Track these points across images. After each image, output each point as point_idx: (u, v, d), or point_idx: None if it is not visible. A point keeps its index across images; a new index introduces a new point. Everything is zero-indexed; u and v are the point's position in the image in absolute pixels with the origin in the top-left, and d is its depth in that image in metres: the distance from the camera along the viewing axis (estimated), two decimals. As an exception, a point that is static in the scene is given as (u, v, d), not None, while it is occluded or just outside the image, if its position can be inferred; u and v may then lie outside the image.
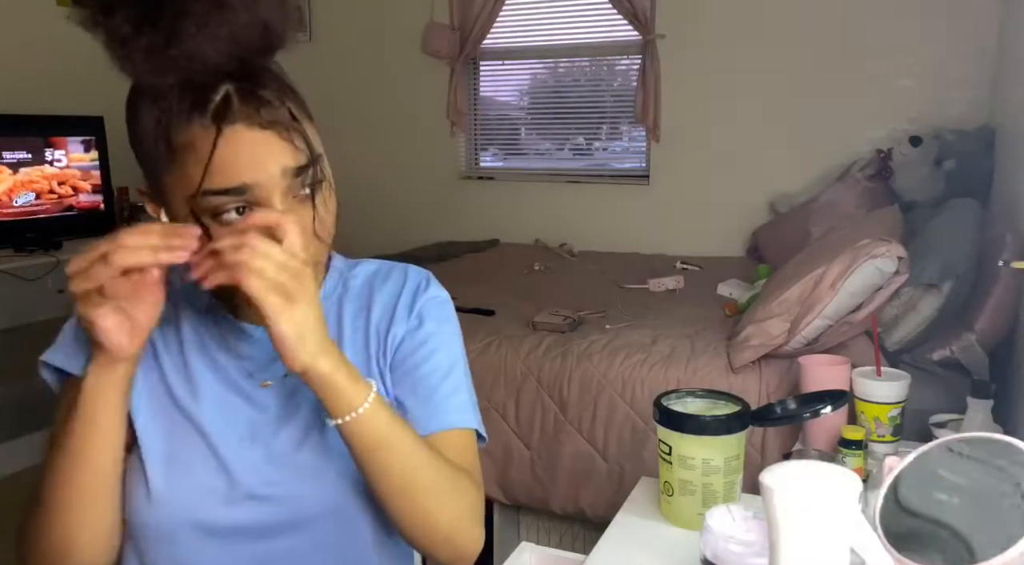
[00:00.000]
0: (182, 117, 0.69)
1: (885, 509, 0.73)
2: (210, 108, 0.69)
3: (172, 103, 0.69)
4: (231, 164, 0.69)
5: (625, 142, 3.84)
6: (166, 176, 0.71)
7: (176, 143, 0.69)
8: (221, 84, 0.69)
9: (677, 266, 3.10)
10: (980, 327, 1.89)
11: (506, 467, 2.06)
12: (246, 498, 0.80)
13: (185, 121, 0.69)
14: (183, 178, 0.70)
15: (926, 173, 2.68)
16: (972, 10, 2.89)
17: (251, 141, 0.70)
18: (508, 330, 2.20)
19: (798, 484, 0.62)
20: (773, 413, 1.04)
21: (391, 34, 3.93)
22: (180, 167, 0.70)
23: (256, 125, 0.70)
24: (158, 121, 0.70)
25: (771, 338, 1.81)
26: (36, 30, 3.22)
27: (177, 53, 0.65)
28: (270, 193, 0.71)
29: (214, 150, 0.68)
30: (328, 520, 0.81)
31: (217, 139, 0.68)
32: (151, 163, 0.72)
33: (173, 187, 0.71)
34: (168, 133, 0.69)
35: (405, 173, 3.99)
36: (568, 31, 3.74)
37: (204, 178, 0.69)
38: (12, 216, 2.95)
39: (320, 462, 0.81)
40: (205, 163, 0.68)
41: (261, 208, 0.71)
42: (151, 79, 0.68)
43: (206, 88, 0.69)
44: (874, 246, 1.66)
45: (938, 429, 1.41)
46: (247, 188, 0.70)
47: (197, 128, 0.69)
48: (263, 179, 0.70)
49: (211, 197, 0.69)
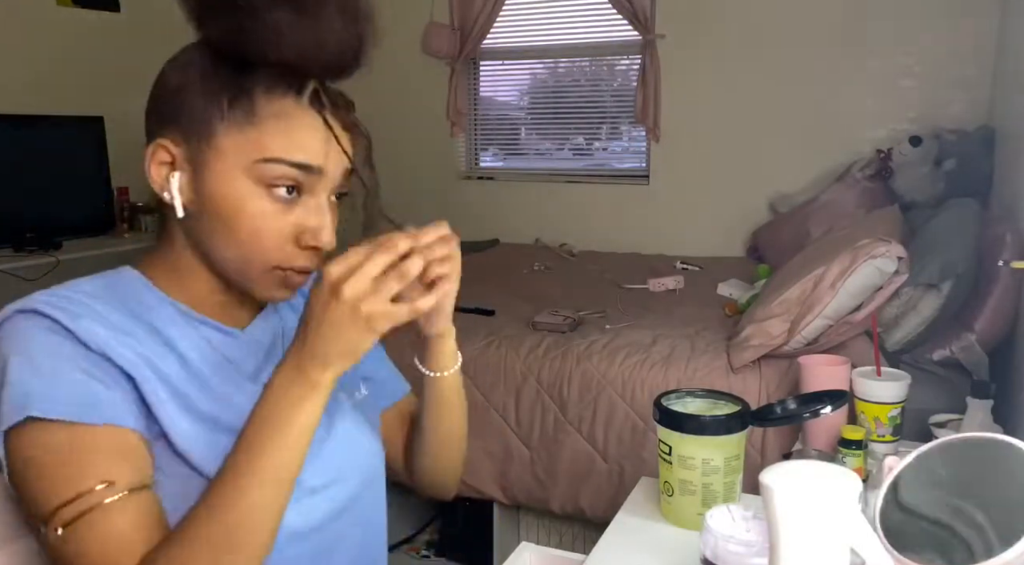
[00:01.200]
0: (277, 88, 0.72)
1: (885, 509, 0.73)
2: (306, 91, 0.72)
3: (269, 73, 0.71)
4: (312, 144, 0.73)
5: (625, 142, 3.84)
6: (228, 137, 0.72)
7: (263, 109, 0.71)
8: (311, 74, 0.72)
9: (677, 266, 3.10)
10: (980, 327, 1.89)
11: (506, 467, 2.06)
12: (307, 494, 0.77)
13: (280, 93, 0.72)
14: (257, 143, 0.71)
15: (926, 173, 2.68)
16: (972, 10, 2.89)
17: (335, 132, 0.75)
18: (508, 330, 2.20)
19: (798, 484, 0.62)
20: (773, 413, 1.04)
21: (391, 34, 3.91)
22: (257, 130, 0.71)
23: (340, 121, 0.76)
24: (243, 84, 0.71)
25: (771, 338, 1.82)
26: (36, 30, 3.22)
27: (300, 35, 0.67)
28: (325, 185, 0.75)
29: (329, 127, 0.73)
30: (367, 491, 0.85)
31: (328, 122, 0.73)
32: (208, 120, 0.72)
33: (235, 148, 0.72)
34: (255, 97, 0.71)
35: (405, 173, 3.99)
36: (568, 31, 3.74)
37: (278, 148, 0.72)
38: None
39: (351, 439, 0.84)
40: (289, 134, 0.72)
41: (308, 194, 0.75)
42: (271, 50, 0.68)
43: (296, 72, 0.71)
44: (874, 246, 1.66)
45: (938, 429, 1.41)
46: (315, 170, 0.73)
47: (291, 102, 0.72)
48: (330, 170, 0.75)
49: (280, 166, 0.72)
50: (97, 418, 0.66)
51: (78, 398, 0.66)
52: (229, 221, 0.73)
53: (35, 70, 3.18)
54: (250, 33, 0.67)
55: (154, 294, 0.78)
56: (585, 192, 3.77)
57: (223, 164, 0.72)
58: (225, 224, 0.73)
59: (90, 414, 0.66)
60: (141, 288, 0.78)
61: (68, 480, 0.64)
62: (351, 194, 0.81)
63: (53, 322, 0.69)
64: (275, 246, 0.74)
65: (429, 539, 2.41)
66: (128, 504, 0.65)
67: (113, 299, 0.74)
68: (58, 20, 3.30)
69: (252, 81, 0.71)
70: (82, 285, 0.75)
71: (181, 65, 0.74)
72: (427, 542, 2.40)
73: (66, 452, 0.65)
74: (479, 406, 2.08)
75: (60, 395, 0.66)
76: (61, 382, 0.66)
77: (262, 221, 0.73)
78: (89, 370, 0.68)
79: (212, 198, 0.73)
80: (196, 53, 0.74)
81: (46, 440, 0.65)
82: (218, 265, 0.76)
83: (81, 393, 0.67)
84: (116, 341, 0.70)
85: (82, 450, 0.65)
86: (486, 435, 2.07)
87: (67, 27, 3.33)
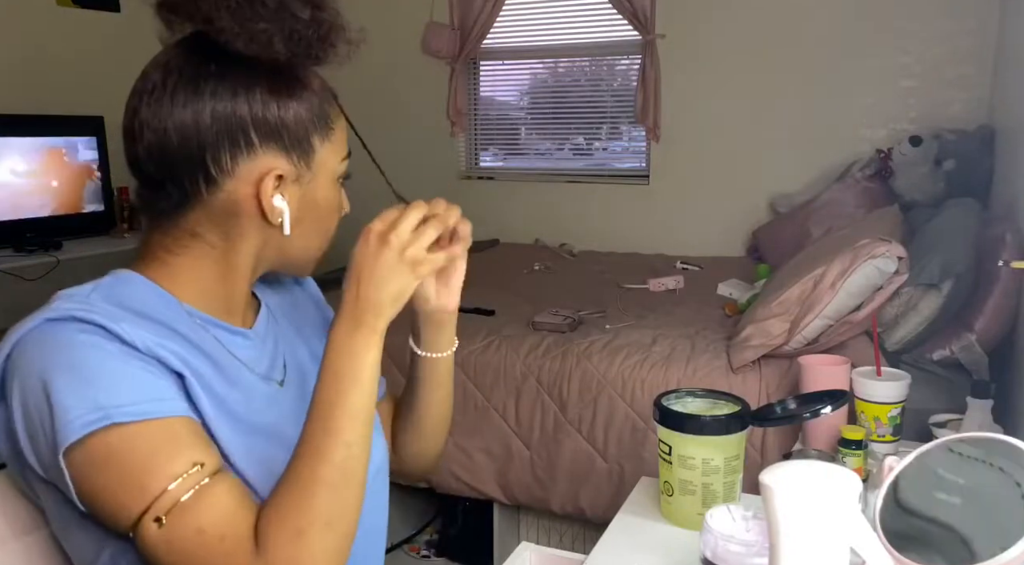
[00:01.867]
0: (327, 90, 0.80)
1: (885, 509, 0.73)
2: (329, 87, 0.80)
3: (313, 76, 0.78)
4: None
5: (625, 142, 3.84)
6: (323, 147, 0.78)
7: (333, 116, 0.79)
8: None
9: (677, 266, 3.10)
10: (980, 327, 1.89)
11: (506, 467, 2.06)
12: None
13: (329, 93, 0.80)
14: (338, 144, 0.80)
15: (926, 173, 2.68)
16: (972, 10, 2.89)
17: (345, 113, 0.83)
18: (508, 330, 2.20)
19: (798, 484, 0.62)
20: (773, 413, 1.04)
21: (391, 34, 3.93)
22: (336, 133, 0.79)
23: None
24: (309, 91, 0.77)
25: (771, 338, 1.82)
26: (36, 30, 3.22)
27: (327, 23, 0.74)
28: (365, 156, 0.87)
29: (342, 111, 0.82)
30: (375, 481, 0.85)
31: (344, 113, 0.82)
32: (307, 138, 0.76)
33: (329, 154, 0.79)
34: (322, 103, 0.77)
35: (405, 173, 3.96)
36: (568, 31, 3.74)
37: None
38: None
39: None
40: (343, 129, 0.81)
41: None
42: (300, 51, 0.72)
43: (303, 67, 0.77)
44: (874, 246, 1.66)
45: (938, 429, 1.41)
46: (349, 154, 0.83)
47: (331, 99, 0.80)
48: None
49: (346, 160, 0.82)
50: (169, 410, 0.66)
51: (145, 394, 0.66)
52: (329, 223, 0.82)
53: (35, 70, 3.18)
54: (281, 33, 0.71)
55: (164, 298, 0.76)
56: (585, 192, 3.77)
57: (326, 173, 0.79)
58: (325, 224, 0.81)
59: (161, 408, 0.66)
60: (149, 293, 0.75)
61: (157, 471, 0.64)
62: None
63: (95, 326, 0.67)
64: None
65: (429, 539, 2.41)
66: (225, 480, 0.67)
67: (124, 308, 0.71)
68: (58, 20, 3.30)
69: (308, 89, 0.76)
70: (88, 293, 0.72)
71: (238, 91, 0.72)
72: (427, 542, 2.40)
73: (148, 448, 0.64)
74: (479, 406, 2.08)
75: (125, 396, 0.65)
76: (121, 383, 0.65)
77: (340, 211, 0.84)
78: (146, 368, 0.67)
79: (317, 205, 0.79)
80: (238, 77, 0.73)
81: (121, 443, 0.64)
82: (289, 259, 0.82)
83: (147, 389, 0.66)
84: (156, 343, 0.69)
85: (164, 442, 0.65)
86: (486, 435, 2.07)
87: (67, 27, 3.33)
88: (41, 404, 0.64)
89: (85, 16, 3.39)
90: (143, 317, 0.71)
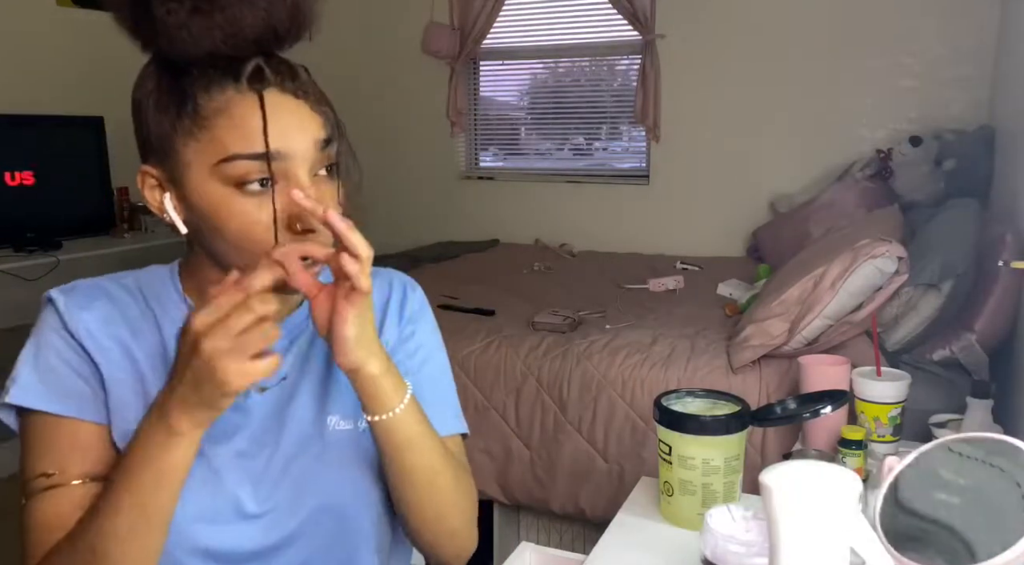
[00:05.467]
0: (214, 83, 0.69)
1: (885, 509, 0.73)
2: (244, 74, 0.69)
3: (203, 70, 0.69)
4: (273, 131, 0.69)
5: (625, 142, 3.84)
6: (187, 147, 0.70)
7: (206, 109, 0.69)
8: (253, 55, 0.70)
9: (677, 266, 3.10)
10: (980, 327, 1.89)
11: (506, 467, 2.06)
12: (250, 517, 0.77)
13: (218, 86, 0.69)
14: (211, 144, 0.69)
15: (926, 173, 2.68)
16: (972, 10, 2.89)
17: (285, 108, 0.70)
18: (508, 330, 2.20)
19: (798, 484, 0.62)
20: (773, 413, 1.04)
21: (391, 34, 3.93)
22: (208, 132, 0.69)
23: (289, 93, 0.71)
24: (183, 89, 0.69)
25: (771, 338, 1.81)
26: (36, 30, 3.22)
27: (220, 20, 0.66)
28: (298, 164, 0.71)
29: (264, 112, 0.68)
30: (332, 526, 0.80)
31: (263, 103, 0.68)
32: (166, 136, 0.70)
33: (196, 156, 0.70)
34: (196, 99, 0.69)
35: (405, 173, 4.00)
36: (568, 31, 3.74)
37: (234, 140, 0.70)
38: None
39: (322, 467, 0.80)
40: (239, 127, 0.68)
41: (283, 180, 0.70)
42: (188, 47, 0.67)
43: (238, 58, 0.69)
44: (874, 246, 1.66)
45: (938, 429, 1.41)
46: (277, 155, 0.69)
47: (231, 92, 0.69)
48: (294, 148, 0.70)
49: (241, 162, 0.68)
50: (66, 410, 0.74)
51: (53, 390, 0.74)
52: (219, 227, 0.71)
53: (35, 70, 3.18)
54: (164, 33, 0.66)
55: (175, 290, 0.81)
56: (585, 192, 3.77)
57: (192, 175, 0.71)
58: (217, 230, 0.72)
59: (57, 405, 0.74)
60: (168, 283, 0.82)
61: (33, 461, 0.73)
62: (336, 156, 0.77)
63: (55, 312, 0.76)
64: (270, 239, 0.70)
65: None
66: (73, 492, 0.72)
67: (137, 291, 0.80)
68: (58, 20, 3.30)
69: (189, 83, 0.69)
70: (126, 277, 0.82)
71: (140, 81, 0.73)
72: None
73: (36, 436, 0.74)
74: (479, 406, 2.08)
75: (40, 386, 0.74)
76: (44, 373, 0.74)
77: (245, 219, 0.70)
78: (72, 362, 0.75)
79: (197, 210, 0.72)
80: (148, 68, 0.73)
81: (27, 424, 0.75)
82: (232, 268, 0.75)
83: (57, 386, 0.74)
84: (106, 332, 0.77)
85: (45, 437, 0.74)
86: (486, 435, 2.07)
87: (67, 27, 3.32)
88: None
89: (85, 16, 3.39)
90: (142, 302, 0.80)
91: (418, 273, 3.04)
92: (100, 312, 0.77)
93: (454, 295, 2.55)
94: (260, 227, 0.70)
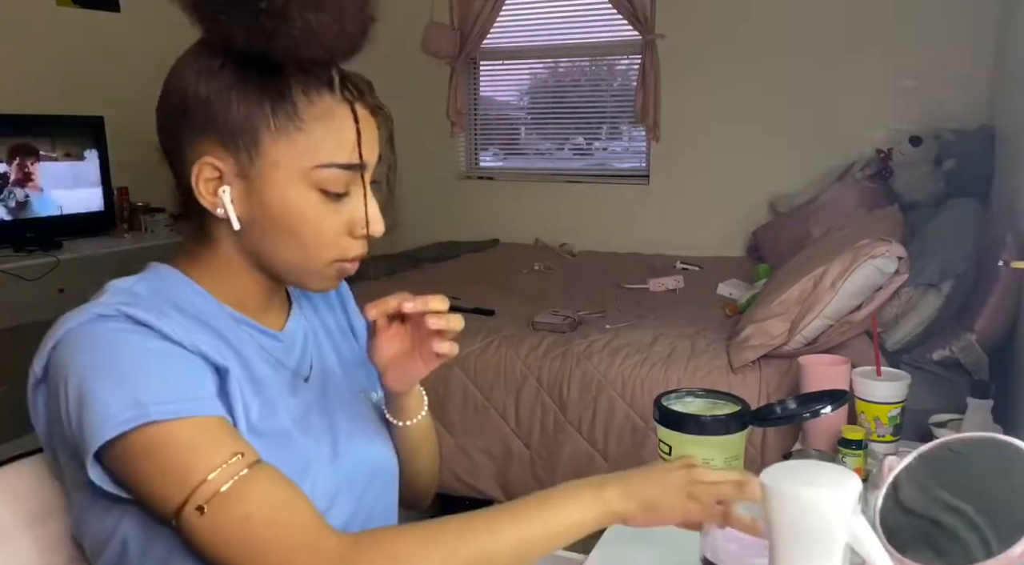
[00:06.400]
0: (311, 87, 0.71)
1: (885, 509, 0.73)
2: (335, 82, 0.72)
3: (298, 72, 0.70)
4: (354, 140, 0.72)
5: (625, 142, 3.84)
6: (277, 144, 0.71)
7: (305, 112, 0.71)
8: (331, 65, 0.72)
9: (677, 266, 3.10)
10: (980, 327, 1.89)
11: (506, 467, 2.06)
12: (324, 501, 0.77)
13: (315, 91, 0.71)
14: (308, 148, 0.71)
15: (926, 173, 2.69)
16: (972, 10, 2.89)
17: (368, 121, 0.74)
18: (508, 330, 2.20)
19: (798, 484, 0.62)
20: (773, 413, 1.03)
21: (391, 34, 3.92)
22: (305, 136, 0.71)
23: (368, 108, 0.75)
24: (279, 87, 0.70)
25: (771, 338, 1.81)
26: (36, 30, 3.22)
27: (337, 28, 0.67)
28: (367, 177, 0.75)
29: (358, 125, 0.72)
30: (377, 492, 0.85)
31: (356, 114, 0.72)
32: (253, 130, 0.70)
33: (286, 156, 0.71)
34: (294, 99, 0.70)
35: (405, 173, 3.99)
36: (568, 31, 3.74)
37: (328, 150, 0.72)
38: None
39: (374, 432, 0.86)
40: (337, 135, 0.71)
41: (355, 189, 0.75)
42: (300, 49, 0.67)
43: (322, 65, 0.71)
44: (874, 246, 1.66)
45: (938, 429, 1.41)
46: (363, 167, 0.74)
47: (328, 99, 0.71)
48: (371, 161, 0.75)
49: (334, 171, 0.72)
50: (205, 410, 0.67)
51: (184, 393, 0.66)
52: (291, 228, 0.73)
53: (35, 70, 3.18)
54: (280, 34, 0.66)
55: (202, 296, 0.77)
56: (585, 192, 3.77)
57: (278, 174, 0.71)
58: (287, 231, 0.73)
59: (197, 407, 0.66)
60: (188, 290, 0.76)
61: (196, 463, 0.64)
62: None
63: (140, 325, 0.68)
64: (334, 242, 0.75)
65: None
66: (266, 469, 0.67)
67: (167, 303, 0.72)
68: (58, 20, 3.30)
69: (288, 83, 0.70)
70: (136, 285, 0.73)
71: (202, 72, 0.71)
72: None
73: (186, 443, 0.65)
74: (479, 406, 2.08)
75: (165, 395, 0.65)
76: (162, 381, 0.66)
77: (322, 224, 0.73)
78: (191, 367, 0.68)
79: (270, 208, 0.72)
80: (214, 58, 0.71)
81: (160, 438, 0.65)
82: (276, 267, 0.76)
83: (185, 387, 0.67)
84: (200, 339, 0.70)
85: (201, 437, 0.66)
86: (486, 435, 2.07)
87: (67, 27, 3.32)
88: (84, 395, 0.65)
89: (85, 16, 3.39)
90: (182, 312, 0.72)
91: (418, 273, 3.05)
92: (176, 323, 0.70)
93: (454, 295, 2.55)
94: (331, 233, 0.75)
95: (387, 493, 0.88)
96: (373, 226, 0.76)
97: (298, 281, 0.79)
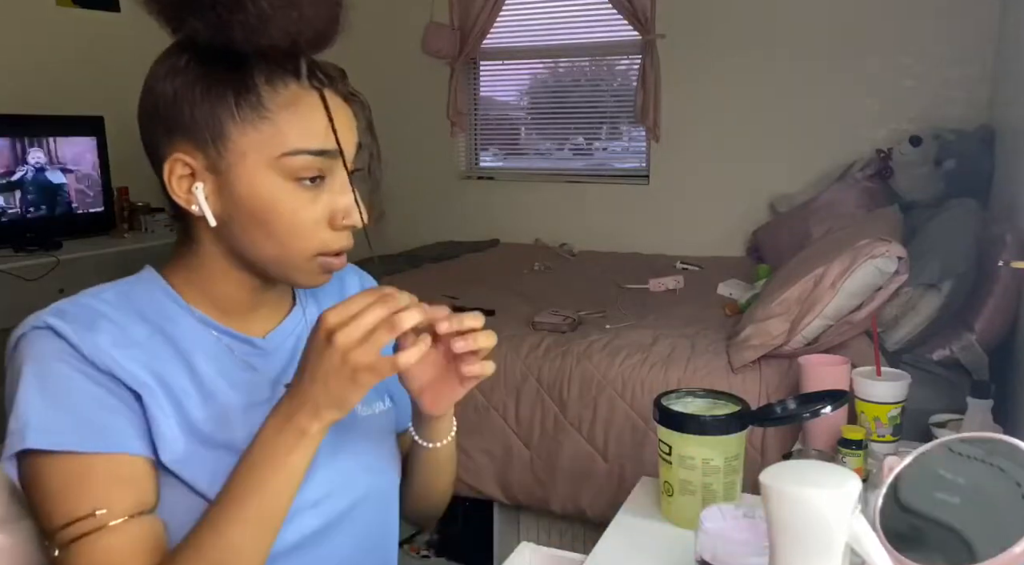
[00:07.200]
0: (276, 76, 0.70)
1: (885, 509, 0.73)
2: (303, 71, 0.71)
3: (262, 62, 0.70)
4: (325, 126, 0.71)
5: (625, 142, 3.84)
6: (244, 136, 0.70)
7: (270, 101, 0.70)
8: (301, 53, 0.71)
9: (677, 266, 3.10)
10: (980, 327, 1.89)
11: (506, 467, 2.06)
12: (306, 508, 0.76)
13: (280, 80, 0.70)
14: (274, 137, 0.70)
15: (926, 173, 2.68)
16: (972, 10, 2.89)
17: (341, 109, 0.74)
18: (508, 330, 2.20)
19: (798, 484, 0.62)
20: (773, 413, 1.04)
21: (391, 34, 3.93)
22: (272, 125, 0.70)
23: (340, 95, 0.74)
24: (244, 79, 0.70)
25: (771, 338, 1.81)
26: (36, 30, 3.22)
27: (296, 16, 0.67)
28: (343, 164, 0.74)
29: (329, 112, 0.71)
30: (366, 508, 0.83)
31: (325, 101, 0.71)
32: (219, 123, 0.70)
33: (254, 147, 0.70)
34: (259, 89, 0.70)
35: (405, 173, 3.99)
36: (568, 31, 3.74)
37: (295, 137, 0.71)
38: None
39: (359, 451, 0.83)
40: (304, 122, 0.70)
41: (330, 177, 0.73)
42: (259, 38, 0.67)
43: (288, 54, 0.70)
44: (874, 246, 1.66)
45: (938, 429, 1.41)
46: (334, 153, 0.72)
47: (294, 87, 0.71)
48: (346, 148, 0.73)
49: (304, 157, 0.71)
50: (99, 446, 0.67)
51: (80, 427, 0.67)
52: (265, 220, 0.72)
53: (35, 70, 3.18)
54: (236, 23, 0.66)
55: (175, 302, 0.77)
56: (585, 192, 3.77)
57: (246, 165, 0.71)
58: (261, 224, 0.72)
59: (90, 443, 0.67)
60: (161, 295, 0.77)
61: (68, 505, 0.66)
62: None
63: (61, 340, 0.69)
64: (313, 234, 0.73)
65: (429, 539, 2.41)
66: (126, 529, 0.67)
67: (130, 309, 0.74)
68: (58, 20, 3.30)
69: (251, 73, 0.70)
70: (105, 292, 0.75)
71: (170, 71, 0.71)
72: (427, 542, 2.40)
73: (65, 479, 0.67)
74: (479, 406, 2.08)
75: (63, 425, 0.67)
76: (65, 410, 0.67)
77: (297, 214, 0.72)
78: (95, 394, 0.69)
79: (243, 201, 0.71)
80: (181, 56, 0.71)
81: (48, 467, 0.67)
82: (257, 264, 0.76)
83: (84, 421, 0.67)
84: (125, 356, 0.70)
85: (81, 478, 0.67)
86: (486, 435, 2.07)
87: (67, 27, 3.32)
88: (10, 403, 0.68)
89: (85, 16, 3.39)
90: (141, 324, 0.73)
91: (418, 273, 3.04)
92: (109, 335, 0.70)
93: (454, 295, 2.55)
94: (309, 224, 0.73)
95: (382, 514, 0.86)
96: (351, 215, 0.74)
97: (284, 277, 0.77)
